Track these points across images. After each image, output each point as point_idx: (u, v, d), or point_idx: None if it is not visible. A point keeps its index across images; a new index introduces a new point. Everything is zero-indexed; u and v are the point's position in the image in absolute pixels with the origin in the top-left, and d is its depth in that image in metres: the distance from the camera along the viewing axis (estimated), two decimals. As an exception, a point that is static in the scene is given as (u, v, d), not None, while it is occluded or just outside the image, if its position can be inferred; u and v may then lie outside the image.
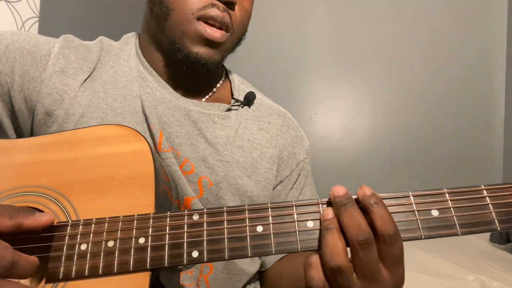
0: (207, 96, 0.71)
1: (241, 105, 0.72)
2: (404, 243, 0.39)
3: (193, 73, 0.65)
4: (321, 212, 0.41)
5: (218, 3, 0.61)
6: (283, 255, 0.72)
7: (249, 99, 0.72)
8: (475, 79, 2.24)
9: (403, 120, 2.30)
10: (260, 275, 0.76)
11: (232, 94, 0.74)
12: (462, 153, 2.22)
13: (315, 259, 0.39)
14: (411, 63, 2.30)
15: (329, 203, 0.42)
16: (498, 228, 0.39)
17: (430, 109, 2.27)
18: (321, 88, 2.39)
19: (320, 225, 0.40)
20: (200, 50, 0.62)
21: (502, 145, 2.20)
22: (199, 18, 0.61)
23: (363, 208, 0.40)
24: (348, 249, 0.39)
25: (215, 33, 0.61)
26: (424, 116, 2.27)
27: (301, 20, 2.42)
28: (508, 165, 2.16)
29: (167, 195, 0.51)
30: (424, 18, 2.29)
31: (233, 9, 0.63)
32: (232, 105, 0.71)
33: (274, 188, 0.73)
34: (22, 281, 0.48)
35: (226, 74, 0.77)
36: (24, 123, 0.63)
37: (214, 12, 0.61)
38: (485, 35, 2.23)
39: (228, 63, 0.79)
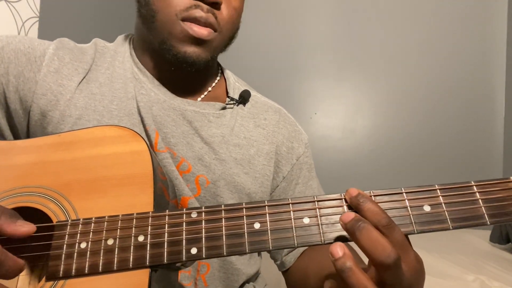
0: (202, 96, 0.71)
1: (236, 104, 0.72)
2: None
3: (186, 72, 0.65)
4: (331, 251, 0.38)
5: (202, 4, 0.60)
6: (302, 250, 0.72)
7: (244, 98, 0.72)
8: (475, 79, 2.24)
9: (403, 120, 2.30)
10: (283, 275, 0.76)
11: (227, 92, 0.74)
12: (462, 153, 2.22)
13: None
14: (411, 63, 2.31)
15: (325, 201, 0.43)
16: (488, 223, 0.40)
17: (430, 109, 2.27)
18: (321, 88, 2.39)
19: (335, 265, 0.38)
20: (188, 49, 0.61)
21: (502, 145, 2.21)
22: (183, 19, 0.60)
23: (355, 209, 0.41)
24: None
25: (201, 30, 0.61)
26: (424, 116, 2.28)
27: (301, 20, 2.42)
28: (508, 165, 2.16)
29: (163, 194, 0.52)
30: (424, 18, 2.29)
31: (218, 9, 0.62)
32: (227, 104, 0.71)
33: (278, 186, 0.73)
34: (21, 278, 0.49)
35: (222, 72, 0.77)
36: (20, 124, 0.63)
37: (198, 13, 0.60)
38: (485, 35, 2.24)
39: (227, 62, 0.79)
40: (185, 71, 0.64)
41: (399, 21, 2.32)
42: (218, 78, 0.75)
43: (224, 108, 0.70)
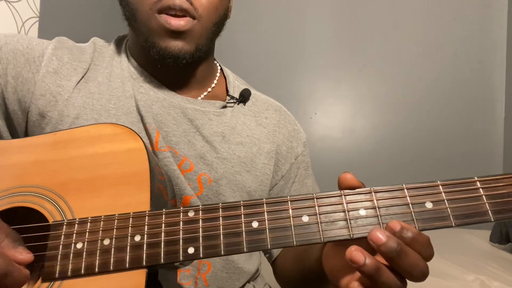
0: (202, 95, 0.71)
1: (237, 102, 0.72)
2: None
3: (181, 69, 0.64)
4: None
5: None
6: None
7: (244, 97, 0.72)
8: (475, 79, 2.23)
9: (403, 119, 2.30)
10: (271, 266, 0.77)
11: (227, 91, 0.74)
12: (462, 153, 2.22)
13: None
14: (411, 63, 2.30)
15: (324, 198, 0.42)
16: (492, 219, 0.39)
17: (430, 109, 2.27)
18: (321, 88, 2.39)
19: None
20: (169, 44, 0.60)
21: (502, 145, 2.20)
22: (158, 12, 0.59)
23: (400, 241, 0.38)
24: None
25: (178, 22, 0.59)
26: (424, 116, 2.27)
27: (301, 20, 2.42)
28: (508, 165, 2.15)
29: (161, 194, 0.51)
30: (424, 18, 2.29)
31: None
32: (227, 102, 0.71)
33: (276, 184, 0.73)
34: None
35: (221, 70, 0.77)
36: (18, 125, 0.63)
37: (169, 1, 0.58)
38: (485, 35, 2.23)
39: (227, 62, 0.79)
40: (176, 66, 0.63)
41: (399, 21, 2.32)
42: (217, 76, 0.75)
43: (224, 107, 0.70)
